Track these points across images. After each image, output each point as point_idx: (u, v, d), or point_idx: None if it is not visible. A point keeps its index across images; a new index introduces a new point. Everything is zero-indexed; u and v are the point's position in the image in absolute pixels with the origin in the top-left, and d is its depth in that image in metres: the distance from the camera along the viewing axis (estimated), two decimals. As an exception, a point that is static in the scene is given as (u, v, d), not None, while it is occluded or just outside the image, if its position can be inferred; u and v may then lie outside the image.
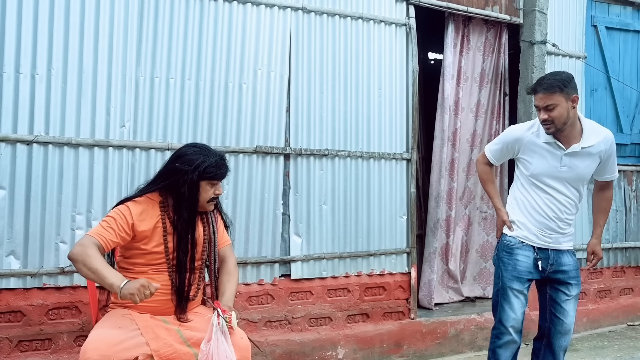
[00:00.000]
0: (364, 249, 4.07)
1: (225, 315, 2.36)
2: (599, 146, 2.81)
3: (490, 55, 4.96)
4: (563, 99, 2.67)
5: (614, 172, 2.93)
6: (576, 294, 2.94)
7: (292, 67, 3.83)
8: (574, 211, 2.91)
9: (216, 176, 2.46)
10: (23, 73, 3.07)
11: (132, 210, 2.39)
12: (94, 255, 2.23)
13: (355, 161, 4.04)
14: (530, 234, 2.89)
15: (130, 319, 2.33)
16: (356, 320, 4.04)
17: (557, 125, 2.70)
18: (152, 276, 2.40)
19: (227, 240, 2.71)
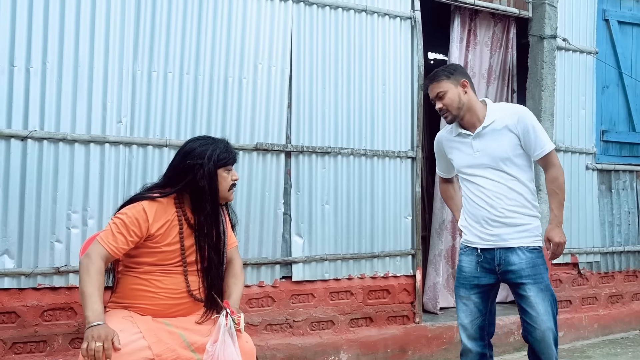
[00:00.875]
0: (368, 250, 4.14)
1: (234, 317, 2.42)
2: (502, 120, 2.82)
3: (497, 51, 5.04)
4: (452, 84, 2.85)
5: (542, 145, 2.80)
6: (536, 293, 2.77)
7: (294, 61, 3.91)
8: (511, 196, 2.81)
9: (230, 160, 2.55)
10: (17, 66, 3.14)
11: (147, 211, 2.41)
12: (92, 275, 2.27)
13: (359, 159, 4.12)
14: (473, 236, 2.90)
15: (131, 321, 2.36)
16: (359, 324, 4.11)
17: (452, 112, 2.86)
18: (158, 278, 2.45)
19: (234, 241, 2.77)
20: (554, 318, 2.81)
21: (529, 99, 4.98)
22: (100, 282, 2.30)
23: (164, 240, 2.46)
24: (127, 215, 2.40)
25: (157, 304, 2.44)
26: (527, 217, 2.83)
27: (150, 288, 2.44)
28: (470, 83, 2.92)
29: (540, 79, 4.89)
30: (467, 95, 2.87)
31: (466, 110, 2.86)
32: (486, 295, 2.92)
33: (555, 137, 4.90)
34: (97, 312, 2.22)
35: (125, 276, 2.49)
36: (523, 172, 2.84)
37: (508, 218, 2.80)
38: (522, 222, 2.81)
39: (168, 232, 2.47)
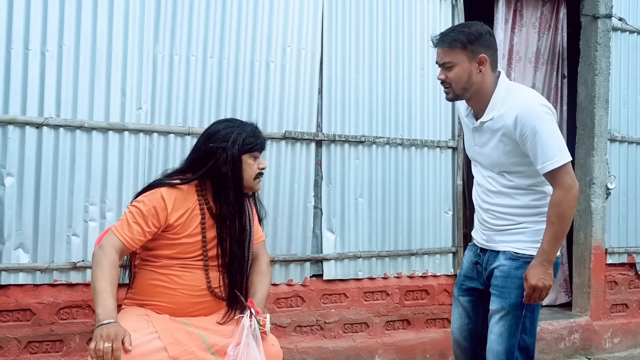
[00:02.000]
0: (405, 247, 4.02)
1: (259, 317, 2.32)
2: (499, 120, 2.32)
3: (546, 33, 4.85)
4: (465, 57, 2.32)
5: (545, 159, 2.24)
6: (496, 309, 2.41)
7: (325, 44, 3.80)
8: (502, 202, 2.42)
9: (257, 146, 2.45)
10: (32, 49, 3.09)
11: (166, 199, 2.33)
12: (105, 268, 2.20)
13: (395, 149, 4.00)
14: (475, 231, 2.64)
15: (146, 320, 2.29)
16: (396, 327, 3.99)
17: (455, 90, 2.38)
18: (177, 273, 2.37)
19: (261, 235, 2.68)
20: (507, 343, 2.38)
21: (580, 84, 4.77)
22: (114, 276, 2.22)
23: (184, 231, 2.37)
24: (144, 203, 2.33)
25: (175, 301, 2.37)
26: (522, 221, 2.40)
27: (168, 284, 2.37)
28: (492, 57, 2.37)
29: (593, 63, 4.67)
30: (481, 76, 2.35)
31: (474, 93, 2.38)
32: (477, 301, 2.61)
33: (610, 125, 4.69)
34: (109, 310, 2.14)
35: (142, 270, 2.43)
36: (526, 178, 2.39)
37: (500, 226, 2.45)
38: (515, 227, 2.41)
39: (188, 222, 2.38)
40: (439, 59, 2.40)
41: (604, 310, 4.66)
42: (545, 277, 2.25)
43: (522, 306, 2.36)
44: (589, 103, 4.67)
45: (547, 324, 4.43)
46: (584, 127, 4.70)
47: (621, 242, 4.77)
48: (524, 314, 2.38)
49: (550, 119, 2.28)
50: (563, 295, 4.96)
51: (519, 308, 2.37)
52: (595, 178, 4.60)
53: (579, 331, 4.53)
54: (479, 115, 2.43)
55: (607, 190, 4.66)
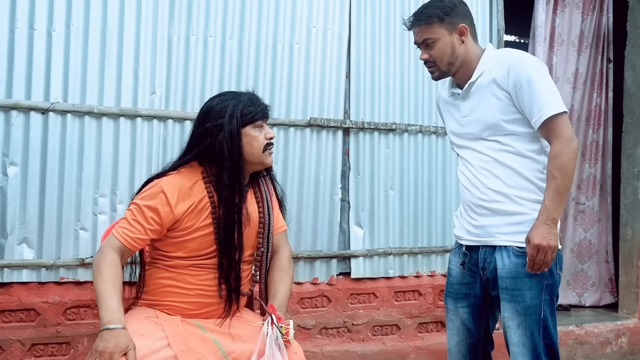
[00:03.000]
0: (439, 243, 3.70)
1: (281, 325, 2.01)
2: (490, 72, 2.16)
3: (590, 14, 4.48)
4: (445, 30, 2.19)
5: (541, 107, 2.05)
6: (510, 316, 2.14)
7: (353, 24, 3.49)
8: (499, 172, 2.16)
9: (257, 114, 2.12)
10: (38, 29, 2.83)
11: (168, 191, 2.03)
12: (104, 270, 1.94)
13: (429, 138, 3.67)
14: (459, 227, 2.33)
15: (156, 323, 2.01)
16: (429, 330, 3.67)
17: (440, 67, 2.24)
18: (191, 272, 2.09)
19: (282, 224, 2.35)
20: (532, 354, 2.11)
21: (628, 69, 4.38)
22: (114, 275, 1.95)
23: (193, 225, 2.07)
24: (143, 199, 2.05)
25: (188, 301, 2.09)
26: (524, 203, 2.14)
27: (181, 283, 2.09)
28: (471, 27, 2.25)
29: (644, 46, 4.29)
30: (464, 47, 2.22)
31: (459, 65, 2.23)
32: (478, 310, 2.32)
33: (660, 113, 4.28)
34: (112, 310, 1.87)
35: (152, 268, 2.15)
36: (523, 141, 2.15)
37: (494, 202, 2.16)
38: (516, 209, 2.14)
39: (197, 215, 2.08)
40: (418, 38, 2.27)
41: (653, 311, 4.27)
42: (550, 236, 1.99)
43: (540, 307, 2.11)
44: (637, 89, 4.32)
45: (592, 327, 4.07)
46: (632, 114, 4.33)
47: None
48: (544, 316, 2.12)
49: (544, 70, 2.14)
50: (608, 296, 4.57)
51: (537, 310, 2.11)
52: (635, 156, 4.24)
53: (627, 334, 4.15)
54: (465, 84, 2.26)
55: (657, 183, 4.27)
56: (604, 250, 4.55)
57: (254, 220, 2.19)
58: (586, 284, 4.56)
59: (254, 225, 2.18)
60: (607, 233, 4.56)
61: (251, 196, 2.21)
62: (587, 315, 4.35)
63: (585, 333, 4.04)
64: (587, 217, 4.56)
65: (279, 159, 3.28)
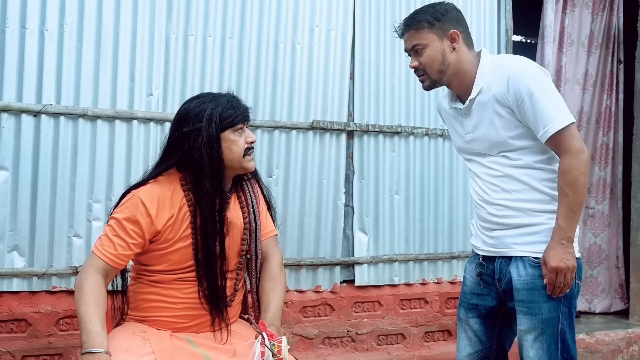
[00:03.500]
0: (446, 250, 3.54)
1: (273, 342, 1.87)
2: (489, 88, 2.01)
3: (600, 14, 4.32)
4: (435, 36, 2.05)
5: (546, 122, 1.91)
6: (527, 329, 2.01)
7: (357, 24, 3.35)
8: (511, 187, 2.04)
9: (237, 118, 1.97)
10: (30, 29, 2.70)
11: (146, 202, 1.89)
12: (86, 291, 1.80)
13: (435, 141, 3.52)
14: (475, 237, 2.22)
15: (143, 338, 1.88)
16: (435, 339, 3.52)
17: (431, 75, 2.09)
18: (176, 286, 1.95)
19: (271, 229, 2.19)
20: None
21: (638, 70, 4.22)
22: (98, 297, 1.81)
23: (173, 238, 1.93)
24: (122, 212, 1.90)
25: (175, 315, 1.96)
26: (539, 215, 2.02)
27: (166, 298, 1.96)
28: (464, 34, 2.10)
29: (654, 47, 4.14)
30: (456, 54, 2.07)
31: (453, 75, 2.08)
32: (490, 322, 2.21)
33: (673, 117, 4.13)
34: (93, 334, 1.74)
35: (137, 284, 2.01)
36: (531, 154, 2.03)
37: (508, 217, 2.05)
38: (531, 221, 2.02)
39: (179, 225, 1.94)
40: (407, 45, 2.13)
41: (665, 319, 4.12)
42: (567, 257, 1.91)
43: (558, 319, 1.99)
44: (648, 92, 4.13)
45: (602, 335, 3.91)
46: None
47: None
48: (561, 329, 1.99)
49: (546, 78, 1.99)
50: (618, 302, 4.41)
51: (554, 323, 1.99)
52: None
53: (638, 342, 3.99)
54: (465, 97, 2.11)
55: (669, 187, 4.12)
56: (615, 255, 4.40)
57: (238, 228, 2.04)
58: (596, 290, 4.40)
59: (237, 232, 2.04)
60: (618, 238, 4.41)
61: (234, 202, 2.07)
62: (597, 322, 4.19)
63: (596, 341, 3.88)
64: (597, 221, 4.40)
65: (280, 163, 3.14)
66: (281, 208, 3.12)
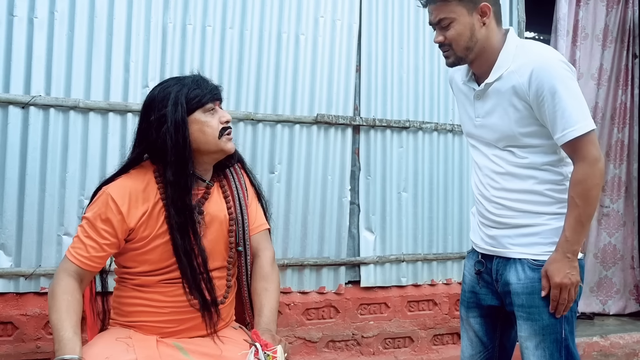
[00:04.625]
0: (455, 249, 3.33)
1: (268, 353, 1.65)
2: (510, 79, 1.80)
3: (615, 7, 4.09)
4: (464, 10, 1.80)
5: (565, 125, 1.72)
6: (528, 336, 1.84)
7: (364, 14, 3.13)
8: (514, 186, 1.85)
9: (205, 96, 1.77)
10: (18, 16, 2.49)
11: (117, 198, 1.69)
12: (57, 297, 1.63)
13: (445, 136, 3.30)
14: (474, 232, 2.04)
15: (127, 344, 1.67)
16: (444, 342, 3.30)
17: (457, 52, 1.84)
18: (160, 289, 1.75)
19: (261, 223, 1.96)
20: None
21: (655, 65, 3.98)
22: (70, 302, 1.62)
23: (149, 235, 1.72)
24: (92, 212, 1.70)
25: (163, 320, 1.76)
26: (538, 216, 1.84)
27: (151, 302, 1.75)
28: (495, 7, 1.85)
29: (669, 41, 3.90)
30: (485, 30, 1.82)
31: (479, 53, 1.85)
32: (491, 321, 2.02)
33: (689, 112, 3.88)
34: (65, 341, 1.56)
35: (121, 288, 1.81)
36: (539, 154, 1.84)
37: (506, 217, 1.87)
38: (529, 222, 1.85)
39: (154, 221, 1.73)
40: (433, 17, 1.86)
41: (682, 321, 3.88)
42: (571, 272, 1.74)
43: (560, 325, 1.81)
44: (664, 86, 3.88)
45: (617, 337, 3.70)
46: (658, 113, 3.92)
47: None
48: (564, 335, 1.81)
49: (572, 77, 1.77)
50: (633, 303, 4.18)
51: (556, 329, 1.81)
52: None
53: (654, 346, 3.75)
54: (482, 79, 1.89)
55: (685, 185, 3.88)
56: (630, 255, 4.17)
57: (222, 220, 1.82)
58: (610, 291, 4.17)
59: (222, 226, 1.83)
60: (633, 237, 4.18)
61: (217, 192, 1.85)
62: (612, 324, 3.96)
63: (611, 344, 3.66)
64: (612, 220, 4.17)
65: (283, 159, 2.92)
66: (284, 206, 2.92)
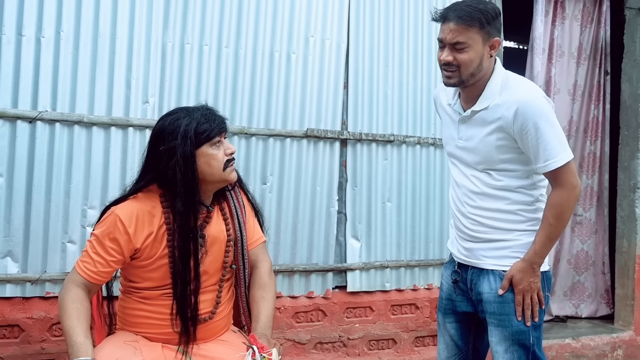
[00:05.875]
0: (437, 256, 3.44)
1: (264, 355, 1.77)
2: (496, 111, 1.90)
3: (588, 26, 4.21)
4: (480, 39, 1.88)
5: (547, 157, 1.86)
6: (498, 341, 1.97)
7: (352, 34, 3.24)
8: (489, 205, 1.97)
9: (214, 131, 1.84)
10: (26, 36, 2.59)
11: (124, 219, 1.78)
12: (68, 305, 1.74)
13: (427, 149, 3.41)
14: (452, 242, 2.15)
15: (134, 347, 1.79)
16: (426, 344, 3.40)
17: (462, 75, 1.91)
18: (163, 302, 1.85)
19: (258, 237, 2.08)
20: None
21: (624, 81, 4.13)
22: (79, 309, 1.73)
23: (154, 255, 1.82)
24: (101, 230, 1.80)
25: (166, 332, 1.85)
26: (509, 232, 1.98)
27: (155, 314, 1.86)
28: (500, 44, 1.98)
29: (638, 59, 4.04)
30: (489, 62, 1.93)
31: (478, 81, 1.94)
32: (466, 326, 2.15)
33: (656, 126, 4.04)
34: (77, 345, 1.67)
35: (126, 299, 1.91)
36: (514, 178, 1.97)
37: (480, 233, 2.00)
38: (501, 237, 1.98)
39: (159, 243, 1.83)
40: (450, 37, 1.89)
41: (649, 324, 4.02)
42: (534, 280, 1.93)
43: (528, 332, 1.96)
44: (634, 101, 4.05)
45: (588, 340, 3.84)
46: (628, 127, 4.09)
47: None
48: (532, 341, 1.97)
49: (552, 112, 1.93)
50: (604, 307, 4.31)
51: (525, 335, 1.96)
52: (640, 181, 3.97)
53: (622, 347, 3.90)
54: (468, 104, 2.00)
55: (653, 195, 4.02)
56: (601, 261, 4.30)
57: (221, 241, 1.93)
58: (583, 295, 4.30)
59: (220, 246, 1.93)
60: (604, 244, 4.31)
61: (217, 215, 1.96)
62: (584, 327, 4.10)
63: (582, 346, 3.79)
64: (585, 228, 4.30)
65: (275, 171, 3.04)
66: (275, 215, 3.03)
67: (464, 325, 2.15)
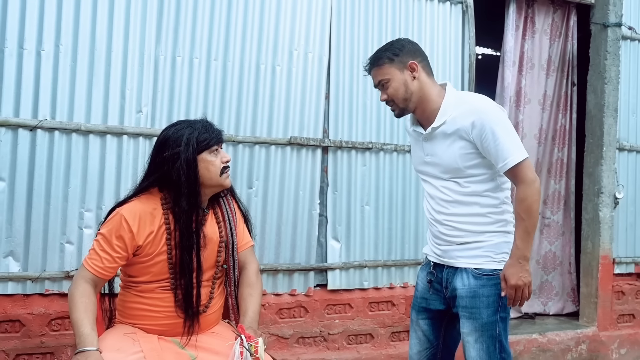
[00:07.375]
0: (412, 256, 3.63)
1: (251, 343, 1.96)
2: (454, 123, 2.12)
3: (557, 40, 4.44)
4: (396, 70, 2.16)
5: (505, 157, 2.06)
6: (469, 332, 2.17)
7: (333, 48, 3.42)
8: (460, 211, 2.18)
9: (212, 140, 2.06)
10: (27, 49, 2.74)
11: (129, 219, 1.96)
12: (77, 299, 1.90)
13: (403, 156, 3.60)
14: (428, 247, 2.37)
15: (133, 339, 1.96)
16: (401, 338, 3.60)
17: (399, 104, 2.21)
18: (159, 295, 2.03)
19: (247, 241, 2.27)
20: None
21: (590, 92, 4.36)
22: (86, 303, 1.90)
23: (154, 252, 2.01)
24: (107, 229, 1.98)
25: (162, 323, 2.03)
26: (481, 234, 2.17)
27: (152, 307, 2.03)
28: (424, 64, 2.20)
29: (603, 71, 4.26)
30: (418, 82, 2.17)
31: (417, 102, 2.19)
32: (437, 323, 2.36)
33: (619, 134, 4.27)
34: (84, 336, 1.84)
35: (125, 293, 2.09)
36: (479, 183, 2.17)
37: (454, 237, 2.21)
38: (474, 239, 2.18)
39: (158, 241, 2.01)
40: (376, 81, 2.24)
41: (611, 320, 4.25)
42: (523, 275, 2.06)
43: (496, 324, 2.16)
44: (598, 111, 4.28)
45: (554, 335, 4.05)
46: (593, 135, 4.32)
47: (629, 252, 4.36)
48: (498, 332, 2.17)
49: (505, 117, 2.14)
50: (570, 305, 4.54)
51: (493, 327, 2.16)
52: (604, 187, 4.21)
53: (586, 342, 4.13)
54: (426, 124, 2.22)
55: (615, 200, 4.27)
56: (567, 261, 4.52)
57: (214, 241, 2.11)
58: (550, 294, 4.52)
59: (214, 246, 2.11)
60: (570, 246, 4.53)
61: (211, 217, 2.15)
62: (551, 323, 4.31)
63: (548, 341, 4.00)
64: (552, 230, 4.52)
65: (260, 176, 3.22)
66: (260, 217, 3.20)
67: (436, 322, 2.36)
